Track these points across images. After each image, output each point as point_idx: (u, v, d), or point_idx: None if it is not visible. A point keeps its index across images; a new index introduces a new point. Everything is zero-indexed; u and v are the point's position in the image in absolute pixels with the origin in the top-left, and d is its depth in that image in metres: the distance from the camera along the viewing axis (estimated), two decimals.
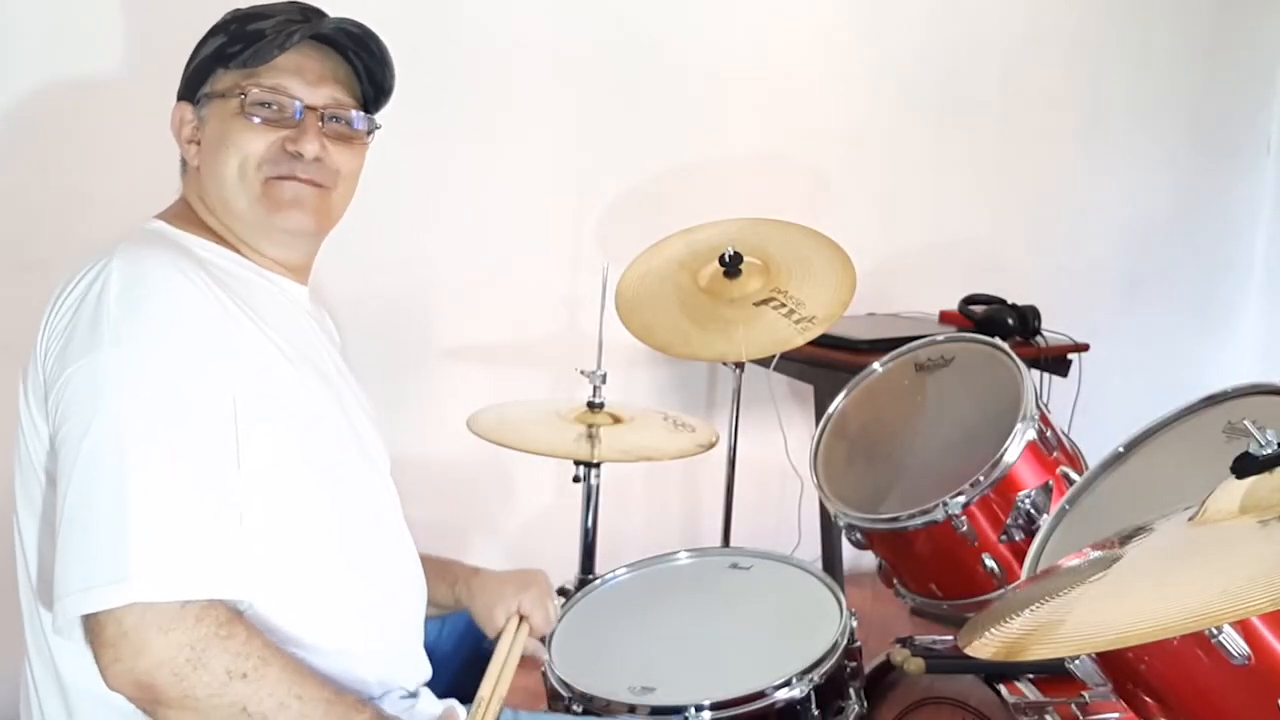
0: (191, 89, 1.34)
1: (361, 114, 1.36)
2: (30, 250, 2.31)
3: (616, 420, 2.17)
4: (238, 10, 1.35)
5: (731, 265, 2.31)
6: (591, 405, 2.18)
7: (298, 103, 1.30)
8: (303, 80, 1.31)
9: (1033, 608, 1.12)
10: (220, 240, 1.32)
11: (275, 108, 1.30)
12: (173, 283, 1.19)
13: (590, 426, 2.14)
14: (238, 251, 1.33)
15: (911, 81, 3.52)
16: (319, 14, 1.35)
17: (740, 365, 2.45)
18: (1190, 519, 1.14)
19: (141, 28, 2.37)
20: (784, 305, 2.27)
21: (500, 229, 2.89)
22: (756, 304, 2.28)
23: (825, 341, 2.53)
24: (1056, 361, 3.10)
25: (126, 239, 1.24)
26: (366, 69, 1.36)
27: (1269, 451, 1.09)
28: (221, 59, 1.31)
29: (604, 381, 2.20)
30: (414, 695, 1.33)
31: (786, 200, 2.79)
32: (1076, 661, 1.31)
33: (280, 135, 1.29)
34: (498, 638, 1.48)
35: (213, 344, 1.18)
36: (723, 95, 3.16)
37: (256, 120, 1.29)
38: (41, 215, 2.32)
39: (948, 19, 3.58)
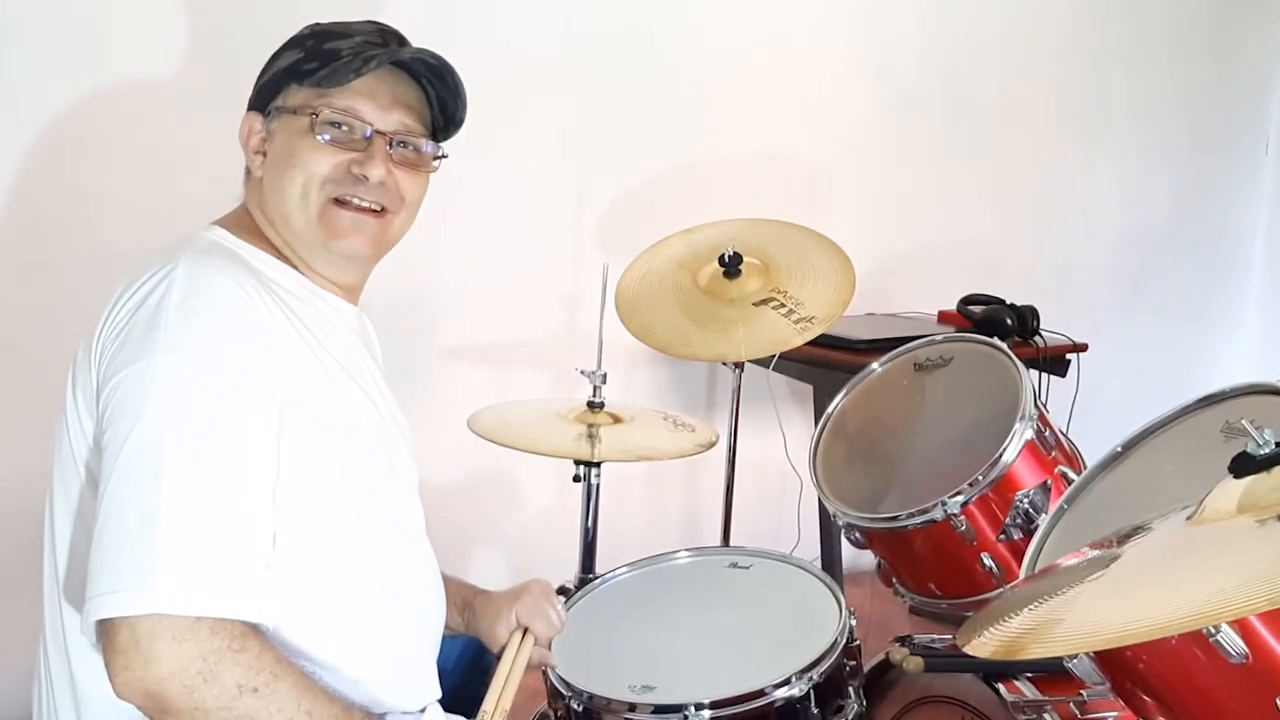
0: (263, 100, 1.33)
1: (429, 141, 1.36)
2: (33, 251, 2.31)
3: (616, 420, 2.18)
4: (317, 25, 1.35)
5: (731, 265, 2.31)
6: (591, 405, 2.18)
7: (368, 126, 1.30)
8: (375, 104, 1.30)
9: (1031, 607, 1.12)
10: (277, 254, 1.32)
11: (345, 129, 1.29)
12: (231, 296, 1.19)
13: (590, 426, 2.14)
14: (293, 267, 1.33)
15: (911, 81, 3.53)
16: (398, 38, 1.35)
17: (740, 365, 2.46)
18: (1188, 518, 1.14)
19: (146, 30, 2.37)
20: (783, 305, 2.27)
21: (500, 229, 2.89)
22: (756, 304, 2.29)
23: (824, 341, 2.53)
24: (1055, 361, 3.11)
25: (190, 247, 1.24)
26: (439, 98, 1.36)
27: (1266, 451, 1.09)
28: (296, 75, 1.30)
29: (604, 381, 2.20)
30: (422, 711, 1.34)
31: (786, 200, 2.79)
32: (1075, 660, 1.31)
33: (347, 157, 1.29)
34: (501, 652, 1.48)
35: (264, 361, 1.18)
36: (723, 95, 3.17)
37: (324, 139, 1.29)
38: (45, 216, 2.33)
39: (947, 19, 3.58)
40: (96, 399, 1.17)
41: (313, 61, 1.29)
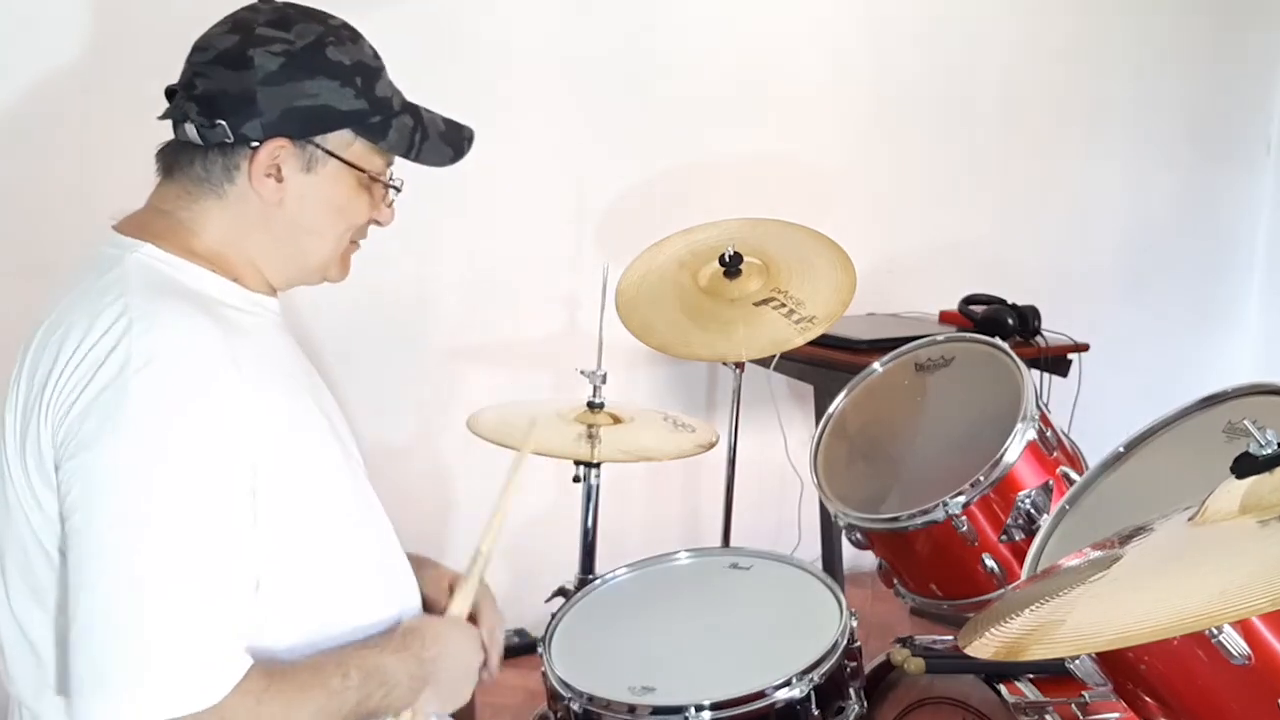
0: (302, 129, 1.23)
1: None
2: (34, 253, 2.31)
3: (617, 420, 2.18)
4: (354, 51, 1.26)
5: (731, 265, 2.31)
6: (592, 405, 2.18)
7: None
8: None
9: (1033, 607, 1.12)
10: (208, 264, 1.25)
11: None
12: (192, 353, 1.13)
13: (590, 426, 2.14)
14: (229, 276, 1.26)
15: (912, 81, 3.53)
16: (386, 77, 1.32)
17: (740, 365, 2.45)
18: (1190, 519, 1.14)
19: (148, 29, 2.37)
20: (784, 305, 2.27)
21: (500, 229, 2.89)
22: (756, 304, 2.29)
23: (825, 341, 2.53)
24: (1056, 361, 3.11)
25: (130, 283, 1.18)
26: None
27: (1269, 451, 1.09)
28: (358, 124, 1.25)
29: (604, 381, 2.20)
30: None
31: (786, 200, 2.79)
32: (1076, 661, 1.31)
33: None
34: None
35: (232, 418, 1.13)
36: (722, 95, 3.17)
37: (374, 198, 1.31)
38: (45, 218, 2.32)
39: (949, 20, 3.58)
40: (53, 469, 1.12)
41: (376, 115, 1.26)
